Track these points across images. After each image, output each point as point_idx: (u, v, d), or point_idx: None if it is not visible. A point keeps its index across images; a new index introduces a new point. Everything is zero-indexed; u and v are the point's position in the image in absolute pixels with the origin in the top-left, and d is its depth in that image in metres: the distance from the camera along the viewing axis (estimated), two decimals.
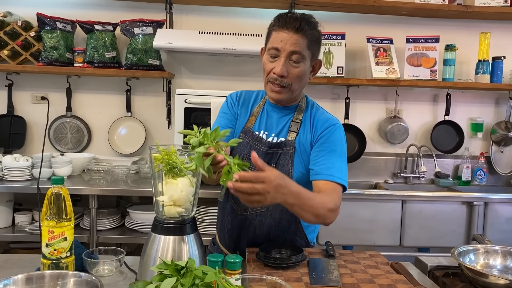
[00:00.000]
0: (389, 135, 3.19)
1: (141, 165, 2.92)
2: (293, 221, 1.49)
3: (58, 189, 1.16)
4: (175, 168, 1.15)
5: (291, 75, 1.41)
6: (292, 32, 1.37)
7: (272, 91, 1.46)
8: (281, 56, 1.39)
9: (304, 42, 1.39)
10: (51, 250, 1.15)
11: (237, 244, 1.55)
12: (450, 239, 2.78)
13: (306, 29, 1.38)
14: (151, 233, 1.20)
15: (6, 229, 2.66)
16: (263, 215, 1.49)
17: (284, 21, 1.39)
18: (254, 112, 1.58)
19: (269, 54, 1.43)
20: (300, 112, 1.52)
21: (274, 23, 1.43)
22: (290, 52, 1.38)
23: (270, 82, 1.45)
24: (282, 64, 1.39)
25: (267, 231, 1.50)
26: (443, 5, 2.98)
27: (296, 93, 1.48)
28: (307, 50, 1.41)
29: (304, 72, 1.43)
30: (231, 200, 1.55)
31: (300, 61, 1.40)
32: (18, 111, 3.09)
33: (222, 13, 3.14)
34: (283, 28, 1.39)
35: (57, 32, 2.85)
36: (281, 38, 1.38)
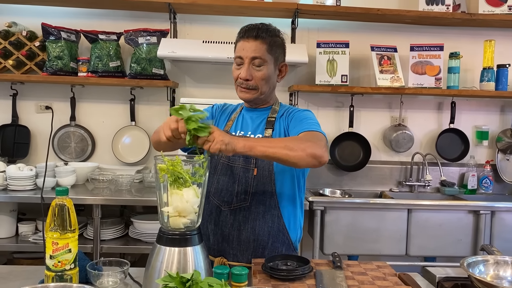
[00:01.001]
0: (394, 143, 3.17)
1: (145, 174, 2.91)
2: (276, 214, 1.56)
3: (62, 200, 1.16)
4: (180, 178, 1.14)
5: (256, 78, 1.54)
6: (252, 40, 1.52)
7: (240, 92, 1.59)
8: (244, 63, 1.54)
9: (264, 47, 1.52)
10: (55, 262, 1.13)
11: (222, 245, 1.58)
12: (456, 249, 2.75)
13: (263, 36, 1.53)
14: (156, 244, 1.19)
15: (10, 239, 2.64)
16: (246, 209, 1.55)
17: (244, 32, 1.55)
18: (232, 117, 1.70)
19: (236, 63, 1.58)
20: (274, 113, 1.64)
21: (237, 35, 1.59)
22: (251, 57, 1.52)
23: (238, 86, 1.59)
24: (246, 69, 1.53)
25: (252, 227, 1.55)
26: (447, 13, 2.98)
27: (265, 94, 1.59)
28: (267, 55, 1.54)
29: (268, 74, 1.55)
30: (213, 198, 1.60)
31: (262, 65, 1.54)
32: (22, 120, 3.10)
33: (226, 22, 3.14)
34: (243, 38, 1.54)
35: (62, 41, 2.86)
36: (243, 47, 1.54)
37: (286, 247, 1.57)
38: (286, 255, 1.35)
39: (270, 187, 1.55)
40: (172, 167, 1.13)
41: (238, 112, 1.71)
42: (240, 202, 1.56)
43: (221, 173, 1.60)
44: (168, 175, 1.15)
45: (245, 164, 1.56)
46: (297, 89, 2.98)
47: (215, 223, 1.60)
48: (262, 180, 1.54)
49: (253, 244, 1.54)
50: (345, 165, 3.22)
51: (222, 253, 1.58)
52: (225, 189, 1.58)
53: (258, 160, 1.55)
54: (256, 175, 1.54)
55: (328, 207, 2.69)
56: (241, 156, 1.56)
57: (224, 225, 1.57)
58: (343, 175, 3.25)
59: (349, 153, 3.21)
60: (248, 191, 1.55)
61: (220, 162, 1.61)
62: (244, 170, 1.56)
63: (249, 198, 1.55)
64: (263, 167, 1.54)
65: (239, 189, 1.56)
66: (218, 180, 1.61)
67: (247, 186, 1.55)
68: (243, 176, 1.55)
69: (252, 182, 1.54)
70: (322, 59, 2.99)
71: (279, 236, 1.56)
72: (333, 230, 2.71)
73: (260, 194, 1.55)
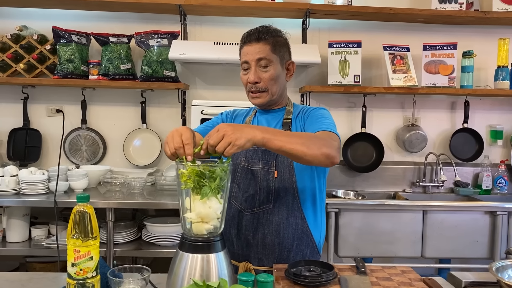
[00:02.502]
0: (407, 143, 3.14)
1: (157, 177, 2.90)
2: (299, 216, 1.54)
3: (83, 207, 1.14)
4: (203, 186, 1.12)
5: (264, 79, 1.53)
6: (254, 43, 1.52)
7: (252, 98, 1.58)
8: (251, 66, 1.53)
9: (267, 47, 1.52)
10: (77, 270, 1.12)
11: (246, 250, 1.55)
12: (473, 250, 2.71)
13: (265, 37, 1.52)
14: (179, 250, 1.17)
15: (23, 243, 2.63)
16: (270, 212, 1.53)
17: (246, 37, 1.55)
18: (247, 121, 1.68)
19: (243, 68, 1.57)
20: (289, 114, 1.61)
21: (240, 42, 1.59)
22: (257, 59, 1.52)
23: (249, 91, 1.57)
24: (253, 72, 1.52)
25: (277, 230, 1.52)
26: (460, 11, 2.94)
27: (276, 95, 1.58)
28: (272, 55, 1.53)
29: (276, 74, 1.54)
30: (234, 202, 1.58)
31: (268, 65, 1.52)
32: (33, 124, 3.09)
33: (236, 23, 3.12)
34: (246, 43, 1.55)
35: (72, 45, 2.85)
36: (247, 51, 1.54)
37: (310, 250, 1.55)
38: (309, 261, 1.32)
39: (292, 189, 1.53)
40: (194, 176, 1.11)
41: (252, 115, 1.70)
42: (263, 205, 1.54)
43: (241, 177, 1.59)
44: (189, 181, 1.13)
45: (265, 167, 1.54)
46: (309, 90, 2.96)
47: (238, 227, 1.58)
48: (283, 182, 1.53)
49: (278, 248, 1.52)
50: (358, 166, 3.19)
51: (246, 257, 1.56)
52: (246, 192, 1.57)
53: (278, 162, 1.53)
54: (276, 177, 1.53)
55: (342, 209, 2.66)
56: (260, 159, 1.55)
57: (248, 229, 1.55)
58: (355, 176, 3.22)
59: (362, 154, 3.18)
60: (270, 193, 1.53)
61: (240, 166, 1.59)
62: (264, 173, 1.54)
63: (271, 201, 1.53)
64: (284, 169, 1.53)
65: (261, 192, 1.54)
66: (238, 184, 1.59)
67: (268, 188, 1.53)
68: (264, 179, 1.54)
69: (273, 184, 1.53)
70: (334, 59, 2.96)
71: (303, 238, 1.54)
72: (348, 232, 2.68)
73: (282, 197, 1.53)
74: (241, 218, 1.57)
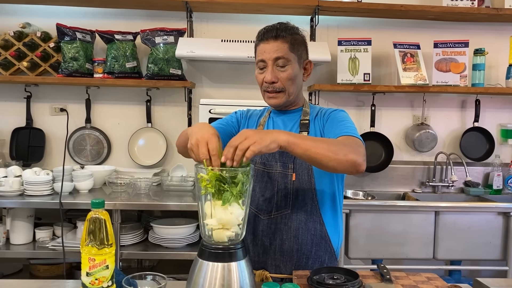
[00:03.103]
0: (417, 143, 3.08)
1: (163, 178, 2.84)
2: (318, 221, 1.48)
3: (98, 213, 1.08)
4: (224, 192, 1.07)
5: (282, 79, 1.47)
6: (272, 41, 1.46)
7: (269, 98, 1.52)
8: (268, 65, 1.47)
9: (285, 46, 1.46)
10: (92, 279, 1.06)
11: (263, 256, 1.50)
12: (486, 252, 2.67)
13: (283, 34, 1.46)
14: (198, 259, 1.11)
15: (27, 245, 2.57)
16: (288, 217, 1.48)
17: (263, 34, 1.49)
18: (261, 122, 1.62)
19: (258, 67, 1.51)
20: (306, 115, 1.56)
21: (256, 39, 1.52)
22: (274, 58, 1.45)
23: (265, 91, 1.51)
24: (270, 72, 1.46)
25: (295, 235, 1.47)
26: (472, 8, 2.89)
27: (293, 95, 1.52)
28: (290, 54, 1.47)
29: (293, 74, 1.48)
30: (250, 207, 1.51)
31: (286, 65, 1.46)
32: (36, 123, 3.03)
33: (243, 20, 3.06)
34: (263, 40, 1.48)
35: (77, 42, 2.79)
36: (263, 49, 1.47)
37: (329, 256, 1.49)
38: (331, 268, 1.27)
39: (311, 192, 1.47)
40: (215, 180, 1.06)
41: (267, 116, 1.63)
42: (281, 210, 1.47)
43: (257, 180, 1.52)
44: (209, 186, 1.07)
45: (283, 169, 1.48)
46: (318, 89, 2.90)
47: (254, 233, 1.52)
48: (302, 186, 1.47)
49: (297, 254, 1.46)
50: (367, 165, 3.10)
51: (263, 264, 1.50)
52: (262, 196, 1.51)
53: (296, 165, 1.47)
54: (294, 180, 1.46)
55: (353, 210, 2.62)
56: (278, 161, 1.49)
57: (265, 235, 1.49)
58: (364, 176, 3.17)
59: (371, 153, 3.13)
60: (288, 197, 1.47)
61: (256, 169, 1.54)
62: (282, 176, 1.48)
63: (290, 205, 1.47)
64: (302, 172, 1.47)
65: (279, 196, 1.48)
66: (254, 187, 1.52)
67: (286, 192, 1.47)
68: (282, 182, 1.48)
69: (291, 188, 1.47)
70: (344, 57, 2.90)
71: (321, 244, 1.48)
72: (358, 233, 2.64)
73: (300, 201, 1.47)
74: (258, 223, 1.51)
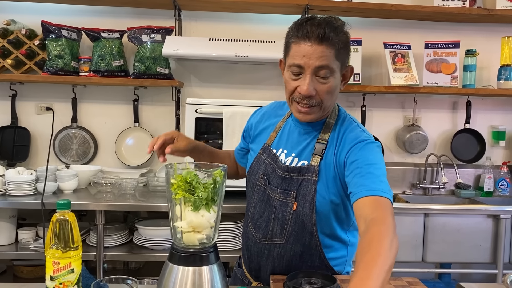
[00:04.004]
0: (407, 144, 3.05)
1: (149, 178, 2.80)
2: (317, 255, 1.33)
3: (64, 215, 1.04)
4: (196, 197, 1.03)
5: (320, 93, 1.22)
6: (316, 43, 1.17)
7: (299, 112, 1.27)
8: (305, 73, 1.20)
9: (331, 52, 1.18)
10: (56, 283, 1.02)
11: (258, 272, 1.42)
12: (475, 255, 2.64)
13: (331, 36, 1.17)
14: (168, 263, 1.08)
15: (10, 246, 2.53)
16: (281, 246, 1.33)
17: (305, 30, 1.18)
18: (276, 127, 1.42)
19: (291, 71, 1.23)
20: (327, 131, 1.31)
21: (292, 33, 1.22)
22: (316, 67, 1.19)
23: (295, 101, 1.26)
24: (308, 83, 1.19)
25: (287, 264, 1.34)
26: (463, 8, 2.86)
27: (327, 110, 1.30)
28: (335, 62, 1.20)
29: (335, 86, 1.24)
30: (250, 223, 1.41)
31: (329, 76, 1.21)
32: (22, 122, 2.99)
33: (233, 19, 3.03)
34: (304, 39, 1.18)
35: (62, 40, 2.75)
36: (303, 52, 1.18)
37: None
38: (308, 272, 1.23)
39: (310, 227, 1.29)
40: (184, 184, 1.02)
41: (286, 118, 1.42)
42: (275, 238, 1.33)
43: (258, 198, 1.39)
44: (180, 191, 1.03)
45: (283, 196, 1.32)
46: None
47: (250, 251, 1.41)
48: (302, 218, 1.29)
49: None
50: None
51: (259, 279, 1.42)
52: (261, 218, 1.37)
53: (299, 194, 1.28)
54: (295, 210, 1.29)
55: None
56: (279, 187, 1.32)
57: (260, 256, 1.38)
58: None
59: None
60: (284, 227, 1.32)
61: (257, 184, 1.38)
62: (281, 203, 1.32)
63: (284, 236, 1.32)
64: (304, 203, 1.29)
65: (275, 224, 1.33)
66: (255, 205, 1.40)
67: (283, 221, 1.31)
68: (280, 210, 1.32)
69: (290, 218, 1.30)
70: None
71: (322, 269, 1.33)
72: None
73: (298, 233, 1.31)
74: (253, 245, 1.39)
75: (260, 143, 1.45)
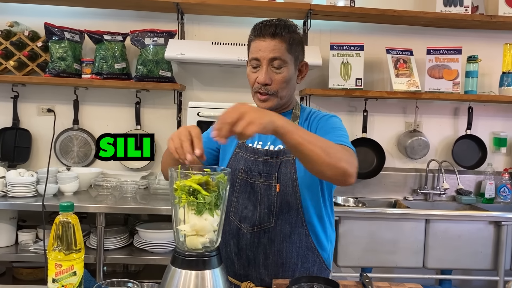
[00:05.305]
0: (409, 149, 3.05)
1: (150, 181, 2.79)
2: (304, 233, 1.41)
3: (66, 217, 1.04)
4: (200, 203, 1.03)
5: (275, 82, 1.38)
6: (269, 38, 1.36)
7: (259, 100, 1.43)
8: (262, 65, 1.38)
9: (283, 46, 1.36)
10: (58, 286, 1.02)
11: (248, 269, 1.43)
12: (476, 261, 2.63)
13: (282, 33, 1.36)
14: (170, 266, 1.07)
15: (9, 248, 2.52)
16: (270, 230, 1.40)
17: (260, 29, 1.38)
18: None
19: (251, 65, 1.41)
20: (295, 119, 1.47)
21: (251, 34, 1.42)
22: (270, 59, 1.36)
23: (256, 92, 1.42)
24: (264, 72, 1.37)
25: (279, 249, 1.40)
26: (465, 15, 2.87)
27: (285, 99, 1.44)
28: (287, 55, 1.37)
29: (288, 77, 1.40)
30: (233, 218, 1.45)
31: (282, 66, 1.37)
32: (23, 123, 2.98)
33: (235, 23, 3.03)
34: (259, 36, 1.38)
35: (65, 42, 2.75)
36: (259, 47, 1.37)
37: (318, 267, 1.42)
38: (312, 277, 1.23)
39: (295, 204, 1.38)
40: (186, 192, 1.02)
41: None
42: (263, 224, 1.40)
43: (240, 190, 1.45)
44: (183, 196, 1.03)
45: (266, 180, 1.40)
46: (309, 93, 2.87)
47: (238, 246, 1.44)
48: (286, 197, 1.39)
49: (282, 268, 1.40)
50: (358, 172, 3.07)
51: (249, 277, 1.43)
52: (246, 209, 1.43)
53: (281, 175, 1.39)
54: (279, 191, 1.38)
55: (343, 217, 2.58)
56: (261, 172, 1.41)
57: (249, 248, 1.41)
58: (355, 182, 3.05)
59: (362, 159, 3.09)
60: (271, 210, 1.39)
61: (238, 178, 1.45)
62: (265, 187, 1.40)
63: (273, 218, 1.39)
64: (286, 182, 1.39)
65: (262, 209, 1.40)
66: (237, 198, 1.45)
67: (270, 204, 1.39)
68: (265, 194, 1.40)
69: (275, 200, 1.39)
70: (336, 62, 2.87)
71: (308, 255, 1.41)
72: (348, 241, 2.59)
73: (285, 213, 1.39)
74: (241, 237, 1.43)
75: (232, 142, 1.51)
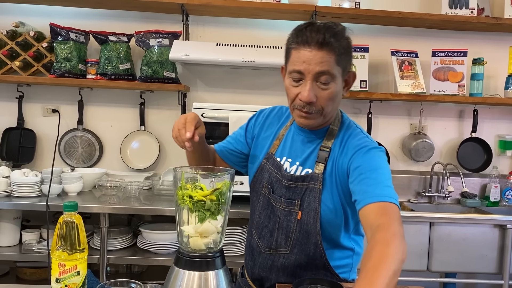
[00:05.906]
0: (413, 152, 3.04)
1: (154, 181, 2.79)
2: (322, 264, 1.31)
3: (70, 217, 1.04)
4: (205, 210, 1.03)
5: (321, 99, 1.21)
6: (316, 48, 1.15)
7: (300, 117, 1.25)
8: (306, 80, 1.19)
9: (332, 58, 1.17)
10: (61, 286, 1.02)
11: (262, 282, 1.40)
12: (480, 265, 2.61)
13: (332, 42, 1.15)
14: (174, 267, 1.07)
15: (13, 247, 2.52)
16: (286, 257, 1.31)
17: (305, 36, 1.17)
18: (279, 135, 1.40)
19: (292, 78, 1.22)
20: (331, 138, 1.30)
21: (292, 39, 1.21)
22: (316, 73, 1.17)
23: (296, 109, 1.25)
24: (309, 89, 1.18)
25: (292, 274, 1.32)
26: (471, 17, 2.85)
27: (329, 116, 1.28)
28: (336, 67, 1.19)
29: (336, 92, 1.22)
30: (255, 234, 1.39)
31: (329, 82, 1.19)
32: (28, 124, 3.00)
33: (240, 24, 3.03)
34: (304, 45, 1.17)
35: (70, 43, 2.76)
36: (303, 58, 1.17)
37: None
38: (314, 279, 1.22)
39: (315, 237, 1.28)
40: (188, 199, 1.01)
41: (288, 126, 1.40)
42: (279, 248, 1.32)
43: (263, 207, 1.37)
44: (187, 199, 1.03)
45: (287, 206, 1.30)
46: None
47: (254, 262, 1.39)
48: (306, 227, 1.28)
49: None
50: None
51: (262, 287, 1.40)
52: (265, 227, 1.36)
53: (304, 203, 1.28)
54: (300, 219, 1.28)
55: None
56: (283, 197, 1.31)
57: (262, 267, 1.36)
58: None
59: None
60: (289, 237, 1.30)
61: (262, 193, 1.37)
62: (286, 213, 1.31)
63: (289, 246, 1.30)
64: (309, 212, 1.27)
65: (279, 233, 1.32)
66: (259, 214, 1.38)
67: (288, 231, 1.30)
68: (284, 220, 1.31)
69: (295, 227, 1.29)
70: None
71: (327, 276, 1.32)
72: None
73: (303, 244, 1.29)
74: (258, 254, 1.37)
75: (263, 150, 1.43)
